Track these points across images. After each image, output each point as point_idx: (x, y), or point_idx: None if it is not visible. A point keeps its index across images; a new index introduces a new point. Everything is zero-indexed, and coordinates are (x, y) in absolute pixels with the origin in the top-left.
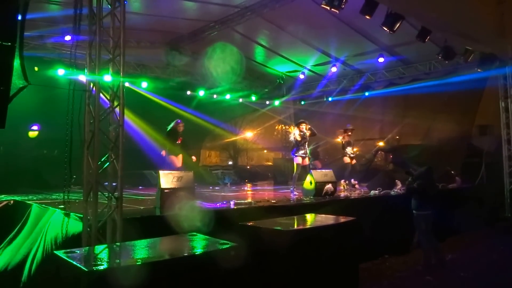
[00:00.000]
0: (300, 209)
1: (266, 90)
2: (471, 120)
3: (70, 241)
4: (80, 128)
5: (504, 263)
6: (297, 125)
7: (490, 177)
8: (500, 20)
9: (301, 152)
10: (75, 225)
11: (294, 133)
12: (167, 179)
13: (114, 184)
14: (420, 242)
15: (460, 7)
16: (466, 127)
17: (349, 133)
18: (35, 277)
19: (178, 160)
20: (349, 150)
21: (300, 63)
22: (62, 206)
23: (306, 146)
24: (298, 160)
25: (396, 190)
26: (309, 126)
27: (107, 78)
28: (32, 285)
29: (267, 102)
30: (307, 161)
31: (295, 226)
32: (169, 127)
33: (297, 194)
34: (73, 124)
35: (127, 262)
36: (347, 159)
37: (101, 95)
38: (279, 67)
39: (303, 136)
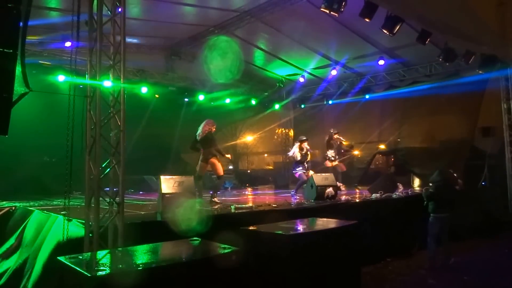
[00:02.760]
0: (301, 213)
1: (266, 94)
2: (473, 122)
3: (72, 247)
4: (82, 134)
5: (507, 267)
6: (300, 141)
7: (493, 180)
8: (501, 21)
9: (300, 168)
10: (77, 231)
11: (294, 151)
12: (168, 184)
13: (115, 189)
14: (428, 245)
15: (460, 8)
16: (468, 129)
17: (334, 137)
18: (37, 283)
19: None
20: (330, 153)
21: (300, 67)
22: (64, 212)
23: (305, 163)
24: (300, 174)
25: (397, 193)
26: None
27: (108, 83)
28: None
29: (267, 106)
30: (310, 173)
31: (296, 230)
32: (201, 132)
33: (298, 198)
34: (74, 130)
35: (129, 267)
36: (328, 163)
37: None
38: (279, 70)
39: (303, 155)
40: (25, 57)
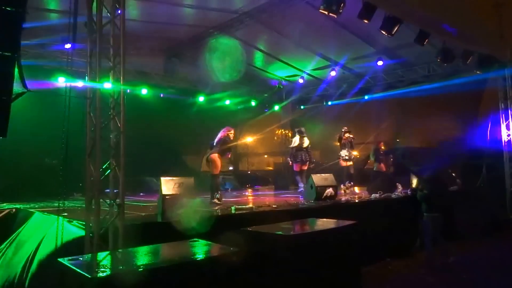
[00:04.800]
0: (301, 213)
1: (266, 95)
2: (472, 122)
3: (73, 248)
4: (82, 136)
5: (506, 265)
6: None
7: (491, 179)
8: (499, 22)
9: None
10: (77, 232)
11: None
12: (168, 186)
13: (115, 191)
14: (425, 245)
15: (458, 9)
16: (467, 129)
17: (345, 136)
18: (37, 285)
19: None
20: (343, 152)
21: (300, 68)
22: (65, 214)
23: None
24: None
25: (397, 193)
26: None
27: (107, 85)
28: None
29: (267, 107)
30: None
31: (296, 231)
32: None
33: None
34: (74, 132)
35: (130, 268)
36: (342, 163)
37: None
38: (279, 72)
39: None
40: (21, 58)
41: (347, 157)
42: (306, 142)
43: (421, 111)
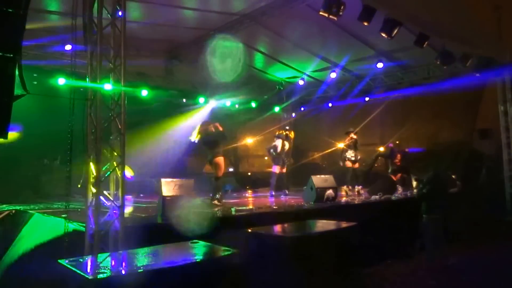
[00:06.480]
0: (301, 215)
1: (266, 96)
2: (472, 124)
3: (73, 250)
4: (83, 137)
5: (506, 267)
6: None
7: (491, 181)
8: (497, 24)
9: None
10: (77, 234)
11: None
12: (168, 187)
13: (115, 192)
14: (425, 247)
15: (457, 12)
16: (467, 131)
17: (350, 137)
18: (37, 286)
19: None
20: (349, 154)
21: (300, 69)
22: (64, 215)
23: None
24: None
25: (397, 195)
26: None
27: (108, 86)
28: None
29: (267, 109)
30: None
31: (297, 232)
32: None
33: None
34: (74, 133)
35: (130, 270)
36: (348, 163)
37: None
38: (279, 73)
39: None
40: (21, 59)
41: (353, 159)
42: (286, 146)
43: (421, 113)
